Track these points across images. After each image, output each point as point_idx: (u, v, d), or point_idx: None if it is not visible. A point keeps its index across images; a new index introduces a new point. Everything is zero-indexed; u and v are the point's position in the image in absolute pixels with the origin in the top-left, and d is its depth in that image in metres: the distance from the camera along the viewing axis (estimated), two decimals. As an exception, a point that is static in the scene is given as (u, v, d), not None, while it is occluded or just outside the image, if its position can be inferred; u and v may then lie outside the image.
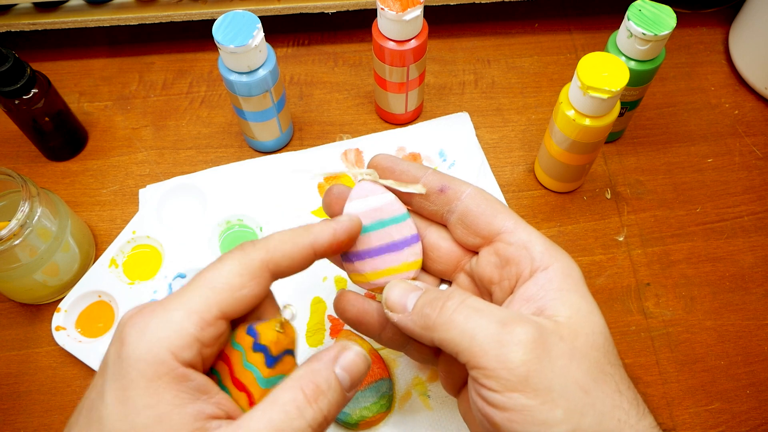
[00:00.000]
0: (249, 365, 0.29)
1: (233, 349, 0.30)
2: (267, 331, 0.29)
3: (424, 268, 0.37)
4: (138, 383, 0.26)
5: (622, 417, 0.28)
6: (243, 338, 0.30)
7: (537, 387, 0.27)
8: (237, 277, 0.29)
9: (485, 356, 0.28)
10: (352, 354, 0.30)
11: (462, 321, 0.29)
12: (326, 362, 0.29)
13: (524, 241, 0.32)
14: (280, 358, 0.30)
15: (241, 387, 0.29)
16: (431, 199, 0.35)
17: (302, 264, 0.32)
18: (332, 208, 0.36)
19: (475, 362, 0.28)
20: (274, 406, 0.27)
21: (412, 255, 0.35)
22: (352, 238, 0.34)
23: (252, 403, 0.29)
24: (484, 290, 0.35)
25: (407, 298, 0.32)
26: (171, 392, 0.27)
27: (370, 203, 0.35)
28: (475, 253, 0.36)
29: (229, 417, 0.28)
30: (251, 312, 0.31)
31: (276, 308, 0.33)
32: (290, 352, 0.30)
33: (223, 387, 0.30)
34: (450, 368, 0.35)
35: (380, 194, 0.35)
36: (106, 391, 0.27)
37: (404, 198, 0.36)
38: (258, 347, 0.29)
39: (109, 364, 0.28)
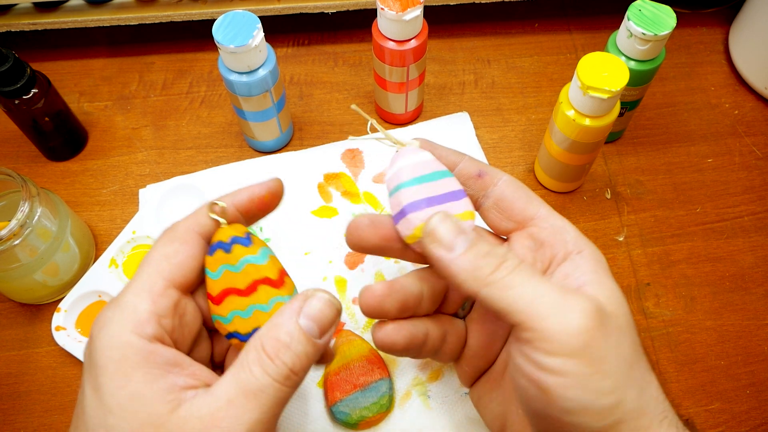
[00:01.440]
0: (219, 270, 0.32)
1: (206, 281, 0.32)
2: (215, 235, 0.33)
3: None
4: (107, 368, 0.28)
5: (653, 393, 0.30)
6: (205, 261, 0.32)
7: (593, 356, 0.28)
8: (168, 246, 0.31)
9: (546, 320, 0.28)
10: (316, 301, 0.30)
11: (520, 283, 0.29)
12: (288, 314, 0.30)
13: (558, 227, 0.33)
14: (231, 245, 0.32)
15: (224, 295, 0.32)
16: (468, 183, 0.35)
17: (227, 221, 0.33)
18: (365, 239, 0.34)
19: (532, 324, 0.28)
20: (240, 367, 0.28)
21: (464, 206, 0.34)
22: (275, 195, 0.34)
23: (215, 301, 0.32)
24: None
25: (457, 239, 0.31)
26: (140, 371, 0.28)
27: (414, 159, 0.34)
28: (504, 239, 0.36)
29: (207, 385, 0.29)
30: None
31: None
32: (238, 239, 0.32)
33: (218, 317, 0.32)
34: (482, 329, 0.36)
35: (422, 154, 0.35)
36: (84, 385, 0.28)
37: (458, 176, 0.36)
38: (212, 248, 0.32)
39: (85, 362, 0.29)
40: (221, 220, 0.32)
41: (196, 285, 0.33)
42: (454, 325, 0.37)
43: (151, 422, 0.27)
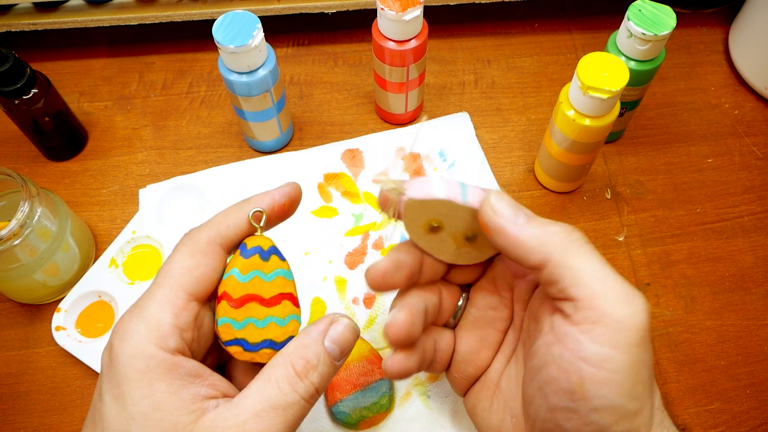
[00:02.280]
0: (250, 275, 0.32)
1: (225, 281, 0.32)
2: (251, 239, 0.33)
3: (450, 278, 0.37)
4: (131, 378, 0.28)
5: (657, 403, 0.30)
6: (233, 262, 0.32)
7: (639, 357, 0.28)
8: (190, 259, 0.31)
9: (611, 305, 0.28)
10: (341, 327, 0.32)
11: (589, 260, 0.29)
12: (315, 337, 0.31)
13: (598, 293, 0.29)
14: (270, 254, 0.33)
15: (246, 300, 0.32)
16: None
17: (248, 232, 0.33)
18: (392, 283, 0.34)
19: (595, 304, 0.28)
20: (268, 382, 0.29)
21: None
22: (294, 201, 0.35)
23: (235, 304, 0.32)
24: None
25: (518, 212, 0.31)
26: (164, 381, 0.28)
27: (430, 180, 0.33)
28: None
29: (226, 396, 0.30)
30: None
31: None
32: (276, 251, 0.33)
33: (230, 320, 0.32)
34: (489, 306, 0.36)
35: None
36: (104, 393, 0.29)
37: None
38: (249, 251, 0.33)
39: (103, 370, 0.30)
40: (258, 227, 0.33)
41: (212, 296, 0.33)
42: (442, 335, 0.37)
43: (177, 431, 0.28)
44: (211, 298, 0.33)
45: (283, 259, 0.33)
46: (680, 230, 0.54)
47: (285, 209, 0.34)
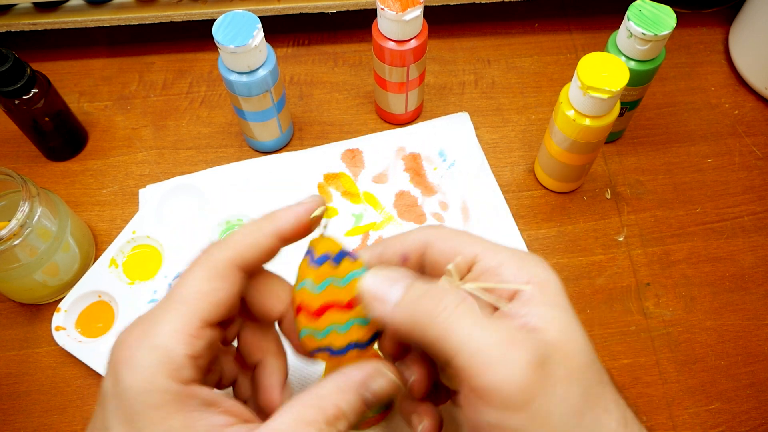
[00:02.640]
0: (324, 284, 0.31)
1: (299, 293, 0.31)
2: (317, 242, 0.32)
3: None
4: (145, 414, 0.26)
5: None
6: (304, 272, 0.31)
7: (537, 411, 0.26)
8: (207, 283, 0.29)
9: (488, 373, 0.26)
10: (384, 382, 0.30)
11: (463, 328, 0.27)
12: (354, 385, 0.29)
13: (494, 267, 0.30)
14: (341, 258, 0.31)
15: (324, 309, 0.31)
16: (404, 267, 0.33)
17: (270, 253, 0.31)
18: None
19: (477, 374, 0.27)
20: (298, 423, 0.28)
21: None
22: (317, 218, 0.32)
23: (315, 314, 0.31)
24: None
25: (391, 288, 0.29)
26: (179, 415, 0.27)
27: None
28: None
29: (244, 420, 0.29)
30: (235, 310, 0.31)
31: (287, 285, 0.34)
32: (347, 254, 0.32)
33: (311, 331, 0.31)
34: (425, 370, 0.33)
35: None
36: (111, 427, 0.27)
37: None
38: (319, 260, 0.31)
39: (108, 400, 0.28)
40: (323, 228, 0.32)
41: (229, 320, 0.31)
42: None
43: None
44: (227, 323, 0.31)
45: (354, 259, 0.32)
46: (680, 230, 0.54)
47: (308, 227, 0.32)
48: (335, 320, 0.31)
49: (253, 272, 0.31)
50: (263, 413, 0.33)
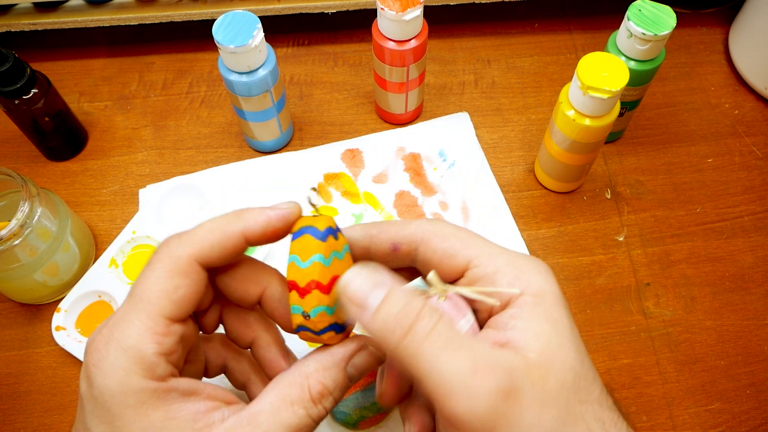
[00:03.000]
0: (311, 260, 0.29)
1: (289, 268, 0.30)
2: (308, 220, 0.30)
3: None
4: (124, 413, 0.27)
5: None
6: (293, 247, 0.30)
7: None
8: (168, 281, 0.28)
9: (453, 401, 0.26)
10: (368, 356, 0.30)
11: (432, 356, 0.26)
12: (338, 361, 0.30)
13: (490, 274, 0.30)
14: (337, 232, 0.30)
15: (308, 288, 0.30)
16: (390, 260, 0.33)
17: (234, 253, 0.30)
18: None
19: (442, 402, 0.26)
20: (282, 403, 0.28)
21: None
22: (289, 225, 0.31)
23: (325, 290, 0.29)
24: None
25: (369, 295, 0.28)
26: (159, 410, 0.27)
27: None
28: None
29: (227, 402, 0.29)
30: (207, 300, 0.31)
31: (258, 266, 0.33)
32: (339, 228, 0.31)
33: (327, 308, 0.30)
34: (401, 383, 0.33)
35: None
36: (92, 428, 0.27)
37: (374, 258, 0.33)
38: (324, 234, 0.30)
39: (86, 402, 0.28)
40: (314, 208, 0.31)
41: (194, 313, 0.31)
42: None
43: None
44: (202, 314, 0.31)
45: (336, 237, 0.31)
46: (680, 230, 0.54)
47: (278, 233, 0.31)
48: (324, 301, 0.30)
49: (214, 267, 0.31)
50: None
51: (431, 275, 0.31)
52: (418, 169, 0.56)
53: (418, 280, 0.32)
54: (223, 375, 0.36)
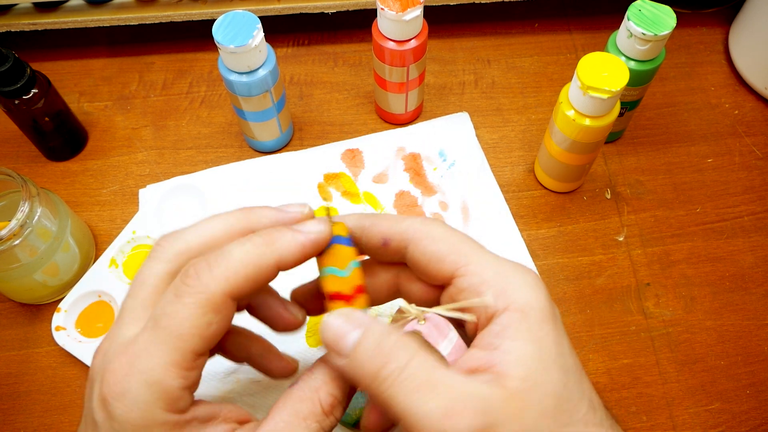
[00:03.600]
0: (350, 267, 0.30)
1: (327, 281, 0.30)
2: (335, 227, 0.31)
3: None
4: None
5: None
6: (326, 260, 0.30)
7: None
8: (201, 318, 0.27)
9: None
10: None
11: (404, 398, 0.26)
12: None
13: (476, 286, 0.29)
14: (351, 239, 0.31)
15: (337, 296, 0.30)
16: (380, 254, 0.32)
17: (265, 284, 0.30)
18: None
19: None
20: (295, 418, 0.28)
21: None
22: (321, 247, 0.31)
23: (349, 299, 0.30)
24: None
25: (346, 338, 0.28)
26: None
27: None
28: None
29: (241, 421, 0.29)
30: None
31: (279, 299, 0.34)
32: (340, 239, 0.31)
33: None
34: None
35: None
36: None
37: (364, 250, 0.33)
38: (350, 240, 0.30)
39: (104, 431, 0.27)
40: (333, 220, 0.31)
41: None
42: None
43: None
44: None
45: (350, 244, 0.31)
46: (680, 230, 0.54)
47: (310, 257, 0.31)
48: (369, 303, 0.30)
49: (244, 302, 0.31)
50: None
51: (403, 303, 0.30)
52: (418, 169, 0.56)
53: (400, 300, 0.32)
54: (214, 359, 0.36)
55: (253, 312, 0.34)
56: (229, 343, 0.35)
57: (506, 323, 0.28)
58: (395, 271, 0.33)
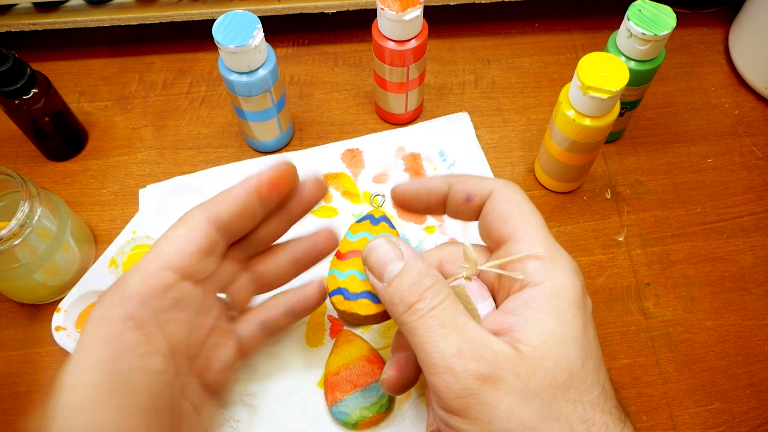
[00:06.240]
0: (358, 234, 0.39)
1: (341, 242, 0.37)
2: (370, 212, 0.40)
3: None
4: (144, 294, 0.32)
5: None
6: (352, 228, 0.39)
7: (476, 417, 0.28)
8: (175, 230, 0.34)
9: (435, 375, 0.28)
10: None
11: (425, 333, 0.29)
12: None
13: (522, 253, 0.31)
14: (379, 221, 0.38)
15: (350, 254, 0.39)
16: (461, 210, 0.35)
17: (245, 212, 0.35)
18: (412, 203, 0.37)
19: (426, 374, 0.29)
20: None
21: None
22: (290, 174, 0.36)
23: None
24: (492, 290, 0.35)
25: (387, 267, 0.31)
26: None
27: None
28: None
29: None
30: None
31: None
32: (387, 219, 0.38)
33: (335, 271, 0.38)
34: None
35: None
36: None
37: (448, 207, 0.35)
38: (361, 219, 0.40)
39: (107, 295, 0.32)
40: (376, 206, 0.37)
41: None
42: None
43: None
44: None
45: (392, 227, 0.36)
46: (680, 230, 0.54)
47: (283, 186, 0.35)
48: (357, 266, 0.34)
49: (230, 234, 0.35)
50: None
51: (467, 246, 0.32)
52: (418, 169, 0.56)
53: (466, 244, 0.34)
54: None
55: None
56: (264, 310, 0.39)
57: (536, 295, 0.30)
58: (438, 258, 0.36)
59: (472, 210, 0.34)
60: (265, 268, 0.38)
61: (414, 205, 0.36)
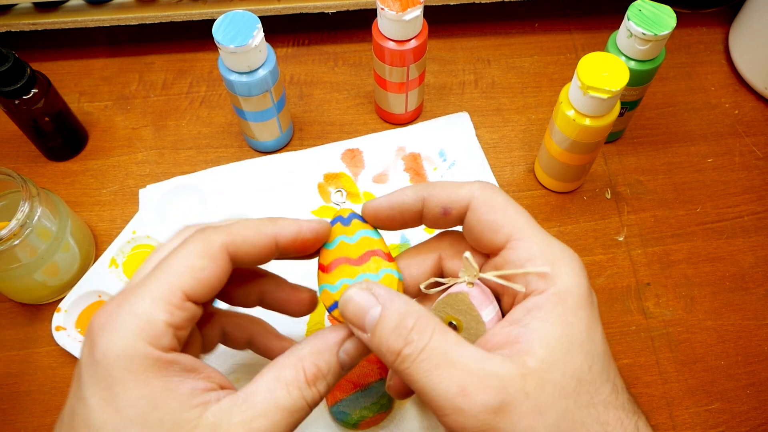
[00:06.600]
0: (335, 241, 0.34)
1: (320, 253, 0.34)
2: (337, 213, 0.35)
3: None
4: (123, 379, 0.26)
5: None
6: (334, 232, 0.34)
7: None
8: (197, 260, 0.29)
9: (445, 417, 0.27)
10: (356, 343, 0.31)
11: (420, 379, 0.27)
12: (331, 345, 0.30)
13: (522, 261, 0.30)
14: (350, 220, 0.34)
15: (335, 264, 0.33)
16: (440, 223, 0.34)
17: (262, 254, 0.31)
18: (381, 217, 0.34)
19: (437, 416, 0.28)
20: (277, 383, 0.29)
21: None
22: (320, 240, 0.33)
23: (356, 263, 0.33)
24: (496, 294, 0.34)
25: (365, 317, 0.29)
26: (160, 380, 0.27)
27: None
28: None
29: (223, 387, 0.29)
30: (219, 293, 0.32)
31: (290, 284, 0.37)
32: (357, 216, 0.34)
33: (326, 285, 0.33)
34: None
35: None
36: (88, 396, 0.27)
37: (425, 220, 0.34)
38: (332, 222, 0.34)
39: (83, 368, 0.27)
40: (340, 205, 0.35)
41: (210, 301, 0.32)
42: None
43: (180, 428, 0.26)
44: (207, 306, 0.32)
45: (363, 221, 0.34)
46: (680, 230, 0.54)
47: (307, 245, 0.32)
48: (346, 274, 0.32)
49: (240, 265, 0.31)
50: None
51: (467, 255, 0.31)
52: (418, 169, 0.56)
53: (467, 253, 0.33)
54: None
55: (266, 301, 0.36)
56: (230, 324, 0.36)
57: (540, 304, 0.29)
58: (437, 252, 0.35)
59: (451, 221, 0.33)
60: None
61: (388, 223, 0.34)
